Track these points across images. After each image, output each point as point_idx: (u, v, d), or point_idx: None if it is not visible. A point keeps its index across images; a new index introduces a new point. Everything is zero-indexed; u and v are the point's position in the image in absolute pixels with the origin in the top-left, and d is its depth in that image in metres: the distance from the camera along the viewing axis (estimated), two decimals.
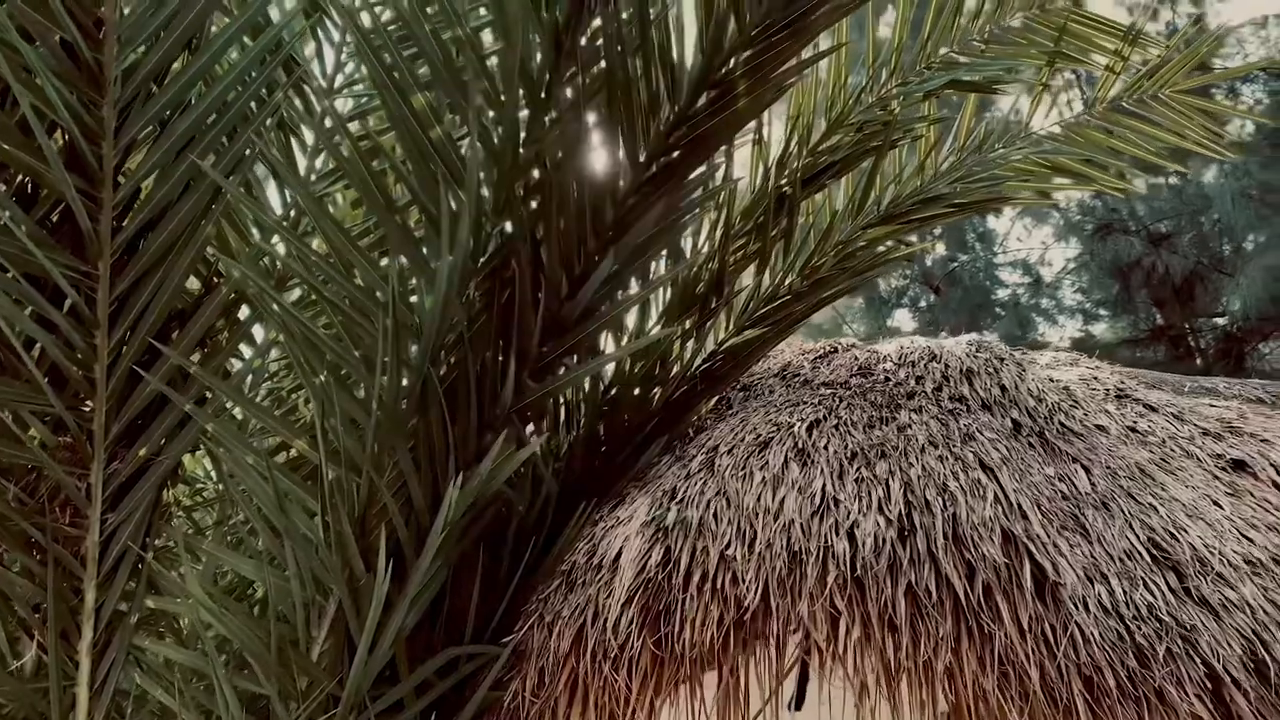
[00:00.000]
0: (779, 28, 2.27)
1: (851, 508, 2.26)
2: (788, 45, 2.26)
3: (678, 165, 2.36)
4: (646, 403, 2.88)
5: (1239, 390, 3.65)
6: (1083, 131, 2.91)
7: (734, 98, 2.28)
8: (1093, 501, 2.42)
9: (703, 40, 2.25)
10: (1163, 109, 2.84)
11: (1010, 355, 3.04)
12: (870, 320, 16.96)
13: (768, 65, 2.27)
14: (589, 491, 2.74)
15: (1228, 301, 8.44)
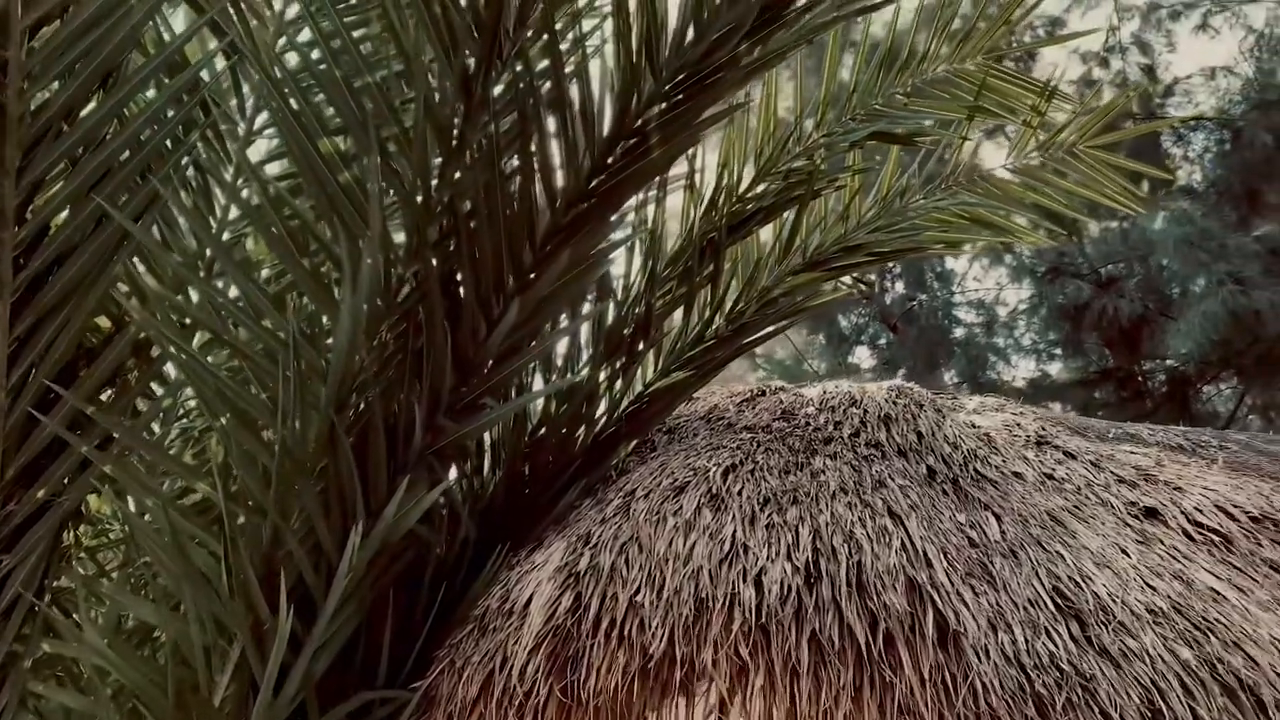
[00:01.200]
0: (695, 81, 2.32)
1: (760, 554, 2.27)
2: (704, 97, 2.30)
3: (594, 211, 2.38)
4: (571, 444, 2.89)
5: (1161, 437, 3.72)
6: (1000, 184, 2.99)
7: (650, 148, 2.31)
8: (1001, 549, 2.46)
9: (619, 92, 2.29)
10: (1078, 163, 2.92)
11: (930, 401, 3.09)
12: (831, 357, 17.11)
13: (684, 116, 2.31)
14: (510, 534, 2.73)
15: (1172, 345, 8.61)
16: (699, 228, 3.06)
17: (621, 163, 2.34)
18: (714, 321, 3.04)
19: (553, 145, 2.31)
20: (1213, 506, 2.93)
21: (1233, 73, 11.59)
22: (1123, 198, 2.90)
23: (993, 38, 2.95)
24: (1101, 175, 2.89)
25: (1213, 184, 12.00)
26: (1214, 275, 7.63)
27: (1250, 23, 11.15)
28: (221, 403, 2.03)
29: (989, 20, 2.94)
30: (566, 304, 2.49)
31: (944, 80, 3.04)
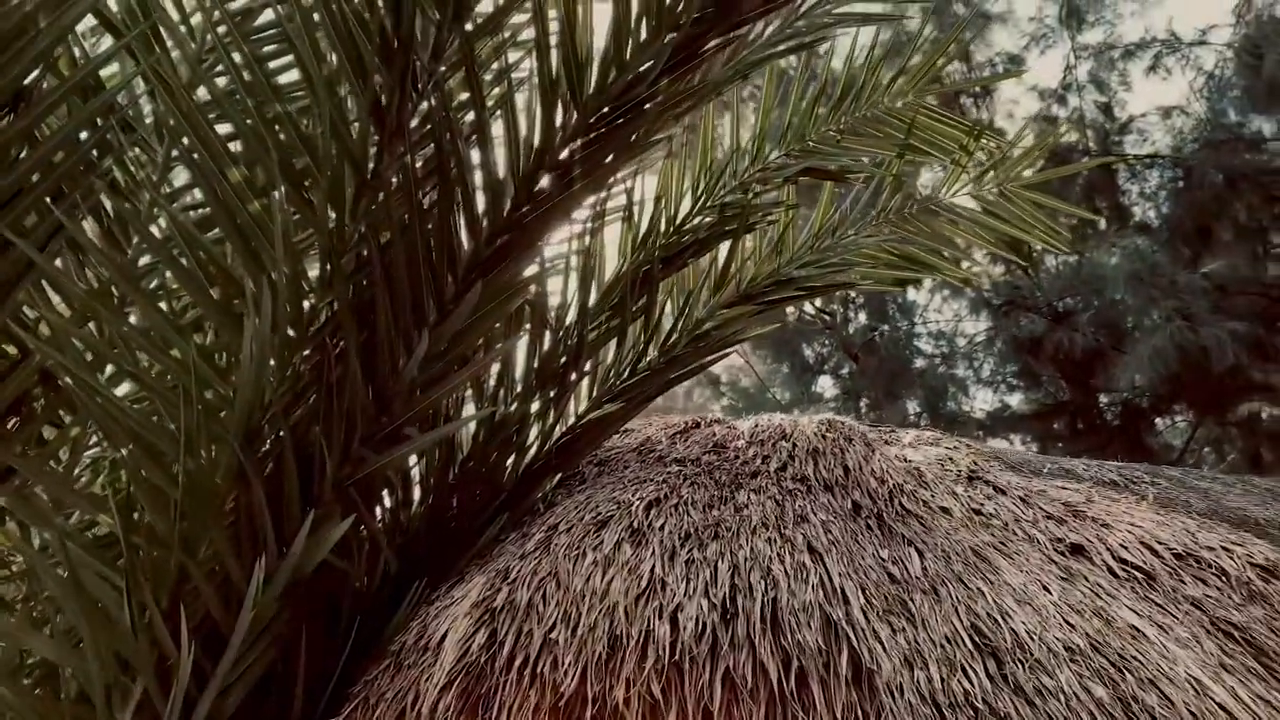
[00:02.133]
0: (616, 115, 2.33)
1: (678, 590, 2.25)
2: (625, 130, 2.31)
3: (517, 242, 2.38)
4: (499, 476, 2.86)
5: (1095, 472, 3.76)
6: (929, 221, 3.02)
7: (572, 181, 2.31)
8: (922, 585, 2.45)
9: (542, 124, 2.29)
10: (1005, 202, 2.97)
11: (861, 435, 3.10)
12: (794, 387, 17.19)
13: (606, 149, 2.32)
14: (434, 567, 2.70)
15: (1122, 379, 8.74)
16: (634, 259, 3.06)
17: (545, 194, 2.34)
18: (647, 353, 3.04)
19: (476, 176, 2.31)
20: (1138, 543, 2.96)
21: (1185, 112, 11.87)
22: (1048, 236, 2.94)
23: (923, 79, 2.99)
24: (1027, 214, 2.93)
25: (1167, 220, 12.26)
26: (1163, 311, 7.76)
27: (1201, 64, 11.45)
28: (125, 434, 1.99)
29: (921, 62, 2.98)
30: (489, 334, 2.47)
31: (876, 119, 3.08)
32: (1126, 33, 12.24)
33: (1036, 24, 12.72)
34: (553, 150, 2.29)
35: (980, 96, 12.38)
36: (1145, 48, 11.32)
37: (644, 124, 2.30)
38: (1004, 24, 13.15)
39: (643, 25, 2.22)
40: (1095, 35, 12.44)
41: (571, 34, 2.13)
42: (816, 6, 3.03)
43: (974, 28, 13.05)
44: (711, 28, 2.18)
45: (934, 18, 12.21)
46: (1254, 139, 11.32)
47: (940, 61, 3.00)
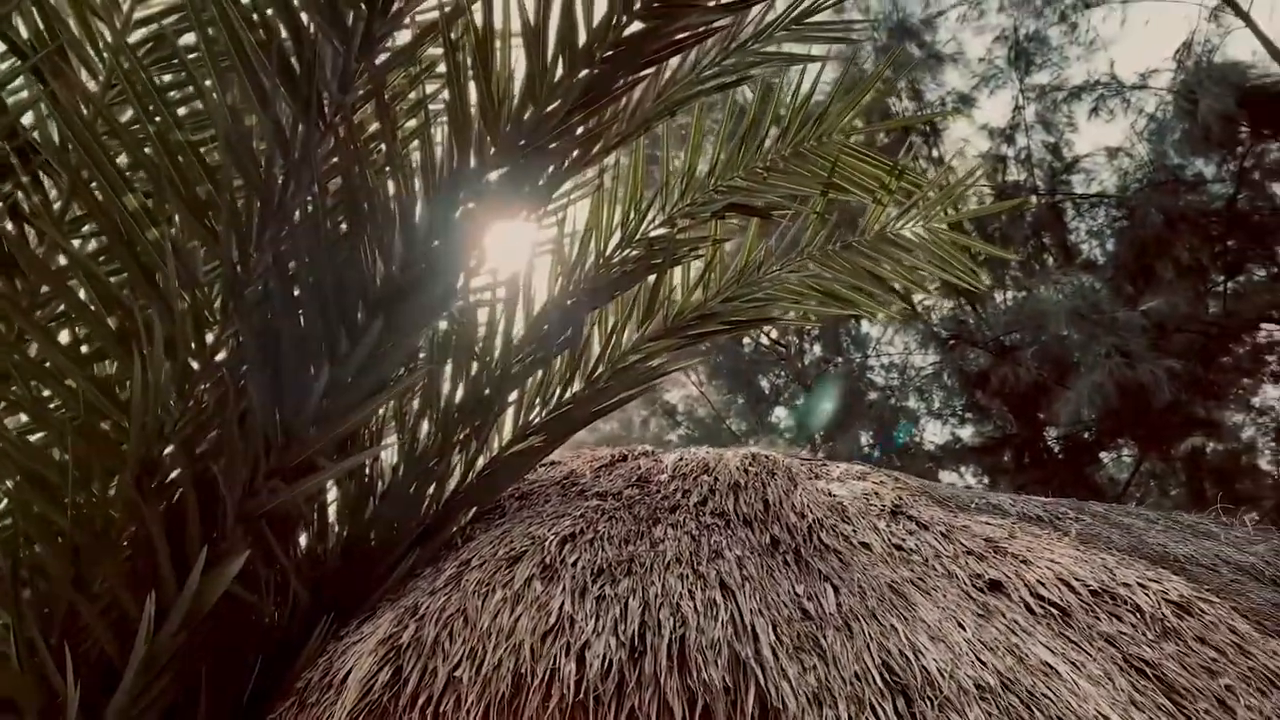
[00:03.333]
0: (534, 147, 2.33)
1: (586, 628, 2.23)
2: (540, 163, 2.31)
3: (431, 273, 2.36)
4: (417, 508, 2.82)
5: (1022, 507, 3.80)
6: (851, 259, 3.05)
7: (489, 210, 2.31)
8: (835, 622, 2.45)
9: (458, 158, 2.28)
10: (926, 241, 3.01)
11: (786, 469, 3.10)
12: (750, 418, 17.26)
13: (523, 182, 2.32)
14: (349, 602, 2.65)
15: (1064, 414, 8.87)
16: (561, 291, 3.06)
17: (459, 225, 2.33)
18: (572, 385, 3.03)
19: (392, 206, 2.29)
20: (1055, 579, 2.98)
21: (1128, 154, 12.18)
22: (966, 274, 2.99)
23: (847, 118, 3.04)
24: (946, 251, 2.98)
25: (1112, 258, 12.54)
26: (1102, 347, 7.90)
27: (1143, 106, 11.77)
28: (12, 465, 1.93)
29: (843, 103, 3.03)
30: (408, 363, 2.44)
31: (801, 156, 3.11)
32: (1073, 75, 12.57)
33: (986, 65, 13.03)
34: (468, 181, 2.28)
35: (931, 135, 12.62)
36: (1088, 90, 11.61)
37: (559, 156, 2.30)
38: (955, 64, 13.45)
39: (558, 63, 2.23)
40: (1043, 77, 12.77)
41: (486, 72, 2.14)
42: (746, 45, 3.07)
43: (926, 68, 13.33)
44: (621, 67, 2.20)
45: (885, 55, 12.47)
46: (1195, 180, 11.64)
47: (865, 100, 3.04)
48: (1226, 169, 11.10)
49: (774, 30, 3.07)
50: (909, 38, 13.05)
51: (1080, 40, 12.27)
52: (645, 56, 2.24)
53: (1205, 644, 2.73)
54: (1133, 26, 18.81)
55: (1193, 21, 11.22)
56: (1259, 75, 9.99)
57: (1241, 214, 11.29)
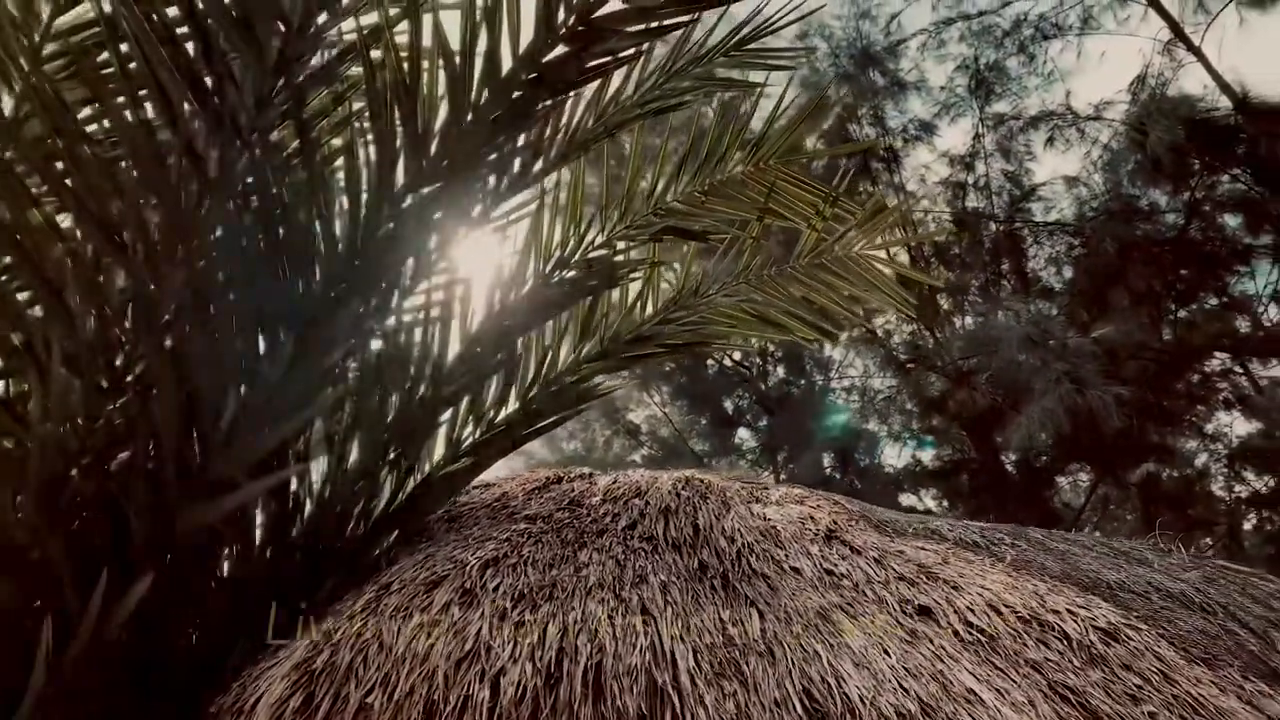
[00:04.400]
0: (463, 167, 2.32)
1: (503, 654, 2.21)
2: (472, 185, 2.31)
3: (355, 292, 2.34)
4: (342, 530, 2.79)
5: (959, 533, 3.82)
6: (785, 284, 3.07)
7: (409, 231, 2.29)
8: (759, 648, 2.44)
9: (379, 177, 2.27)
10: (854, 267, 3.03)
11: (721, 492, 3.10)
12: (713, 439, 17.28)
13: (451, 202, 2.31)
14: (270, 624, 2.60)
15: (1015, 438, 8.97)
16: (499, 312, 3.04)
17: (380, 247, 2.31)
18: (506, 406, 3.01)
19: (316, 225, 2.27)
20: (985, 606, 2.99)
21: (1085, 184, 12.40)
22: (895, 300, 3.01)
23: (783, 144, 3.06)
24: (876, 277, 3.00)
25: (1069, 285, 12.73)
26: (1053, 373, 8.01)
27: (1099, 137, 12.00)
28: None
29: (780, 130, 3.05)
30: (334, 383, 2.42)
31: (740, 182, 3.13)
32: (1032, 105, 12.79)
33: (947, 93, 13.23)
34: (393, 200, 2.27)
35: (891, 161, 12.78)
36: (1045, 120, 11.82)
37: (491, 176, 2.30)
38: (918, 91, 13.64)
39: (484, 85, 2.23)
40: (1003, 106, 12.99)
41: (410, 92, 2.13)
42: (686, 70, 3.09)
43: (889, 95, 13.51)
44: (546, 89, 2.21)
45: (847, 82, 12.63)
46: (1149, 210, 11.86)
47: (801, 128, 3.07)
48: (1178, 200, 11.32)
49: (714, 56, 3.09)
50: (873, 65, 13.22)
51: (1039, 71, 12.51)
52: (570, 79, 2.24)
53: (1130, 671, 2.75)
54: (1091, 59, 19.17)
55: (1147, 55, 11.45)
56: (1207, 108, 10.21)
57: (1193, 244, 11.52)
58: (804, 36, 13.53)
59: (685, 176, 3.14)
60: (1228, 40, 17.46)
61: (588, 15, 2.09)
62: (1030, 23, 12.16)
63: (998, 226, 12.41)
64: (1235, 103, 10.44)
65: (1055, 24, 12.15)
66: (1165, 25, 11.45)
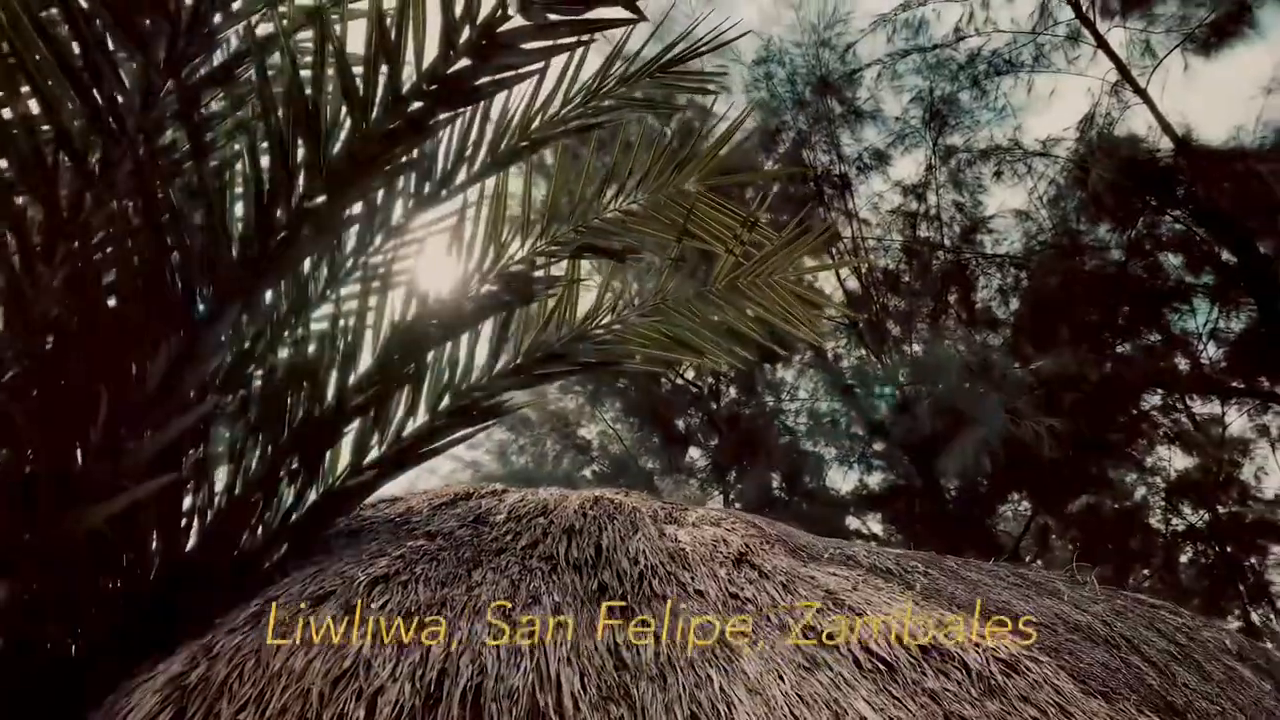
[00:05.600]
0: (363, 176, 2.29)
1: (383, 673, 2.16)
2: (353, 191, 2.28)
3: (247, 297, 2.30)
4: (237, 540, 2.72)
5: (874, 559, 3.83)
6: (701, 307, 3.07)
7: (309, 237, 2.26)
8: (650, 672, 2.42)
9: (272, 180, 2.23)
10: (770, 293, 3.04)
11: (631, 512, 3.08)
12: (664, 457, 17.26)
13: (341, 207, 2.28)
14: (159, 637, 2.53)
15: (950, 466, 9.07)
16: (412, 322, 3.01)
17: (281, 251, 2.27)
18: (414, 419, 2.97)
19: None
20: (887, 634, 2.99)
21: (1032, 218, 12.65)
22: (807, 327, 3.02)
23: (707, 168, 3.07)
24: (789, 303, 3.01)
25: (1014, 317, 12.95)
26: (989, 403, 8.11)
27: (1045, 172, 12.24)
28: None
29: (705, 151, 3.06)
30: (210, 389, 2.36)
31: (661, 204, 3.13)
32: (984, 138, 13.03)
33: (902, 124, 13.43)
34: (287, 204, 2.23)
35: (844, 189, 12.93)
36: (994, 154, 12.04)
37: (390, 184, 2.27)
38: (873, 121, 13.83)
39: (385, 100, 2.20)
40: (955, 138, 13.21)
41: (314, 96, 2.10)
42: (612, 90, 3.09)
43: (845, 122, 13.68)
44: (442, 102, 2.19)
45: (803, 108, 12.77)
46: (1094, 246, 12.11)
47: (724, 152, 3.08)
48: (1121, 237, 11.58)
49: (640, 77, 3.10)
50: (830, 93, 13.39)
51: (991, 105, 12.74)
52: (470, 93, 2.23)
53: (1028, 703, 2.76)
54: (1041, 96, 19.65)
55: (1096, 95, 11.72)
56: (1150, 149, 10.47)
57: (1134, 280, 11.77)
58: (763, 62, 13.69)
59: (608, 195, 3.13)
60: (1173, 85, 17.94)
61: (490, 30, 2.08)
62: (984, 58, 12.39)
63: (947, 256, 12.59)
64: (1177, 144, 10.72)
65: (1008, 60, 12.39)
66: (1114, 67, 11.75)
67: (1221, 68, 17.35)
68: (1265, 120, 10.76)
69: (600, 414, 17.19)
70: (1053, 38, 12.18)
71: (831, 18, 13.12)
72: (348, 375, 2.89)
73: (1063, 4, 12.01)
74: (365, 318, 3.03)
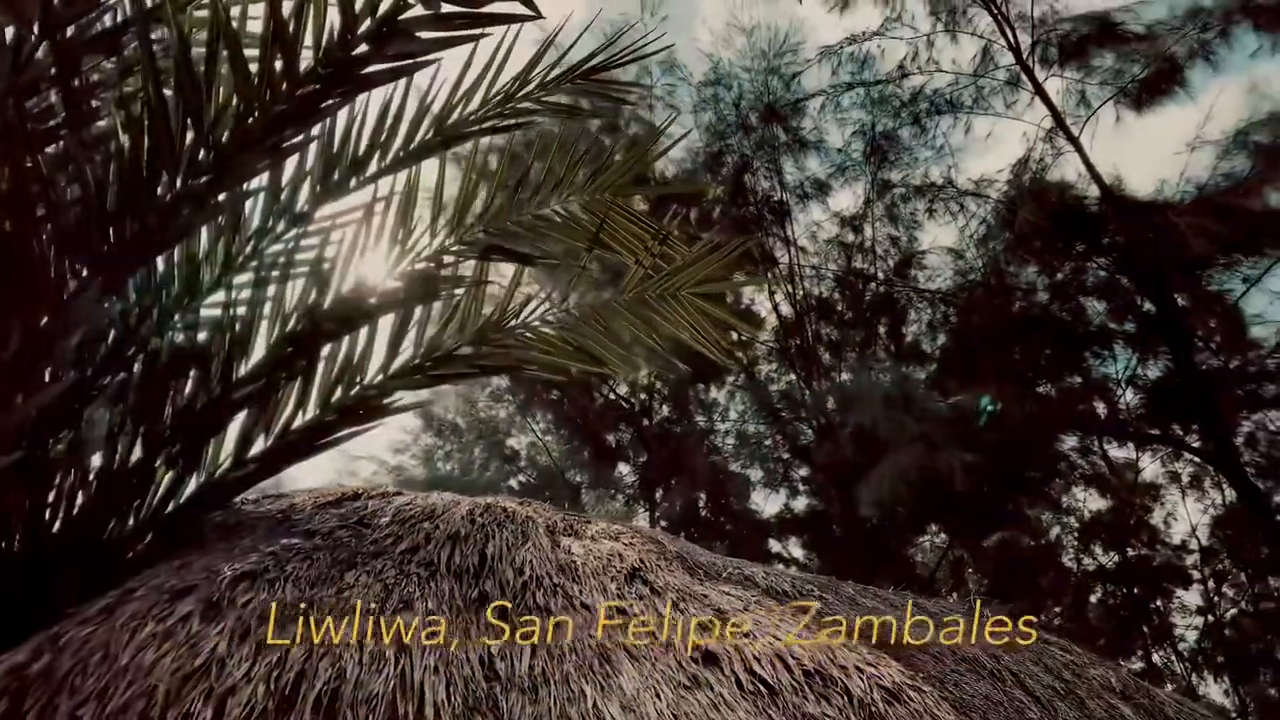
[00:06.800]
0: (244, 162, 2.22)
1: (236, 673, 2.07)
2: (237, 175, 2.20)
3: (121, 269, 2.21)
4: (105, 526, 2.61)
5: (772, 581, 3.83)
6: (609, 318, 3.04)
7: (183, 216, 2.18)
8: (523, 684, 2.37)
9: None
10: (679, 308, 3.02)
11: (524, 521, 3.03)
12: (593, 471, 17.19)
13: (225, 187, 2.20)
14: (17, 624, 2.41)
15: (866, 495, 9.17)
16: (310, 315, 2.93)
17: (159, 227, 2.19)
18: (303, 413, 2.88)
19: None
20: (772, 656, 2.97)
21: (962, 256, 12.92)
22: (713, 345, 3.01)
23: (622, 177, 3.05)
24: (696, 321, 3.00)
25: (941, 351, 13.19)
26: (909, 434, 8.23)
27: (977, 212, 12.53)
28: None
29: (619, 163, 3.04)
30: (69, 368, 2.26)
31: (574, 214, 3.10)
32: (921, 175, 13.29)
33: (844, 155, 13.64)
34: (171, 180, 2.15)
35: (784, 215, 13.07)
36: (929, 190, 12.28)
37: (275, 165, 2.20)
38: (816, 151, 14.02)
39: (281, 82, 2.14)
40: (894, 173, 13.46)
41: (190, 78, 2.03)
42: (529, 95, 3.06)
43: (789, 151, 13.85)
44: (334, 85, 2.14)
45: (748, 133, 12.90)
46: (1022, 287, 12.41)
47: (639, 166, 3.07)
48: (1047, 280, 11.88)
49: (561, 82, 3.07)
50: (776, 120, 13.54)
51: (930, 143, 13.01)
52: (365, 79, 2.18)
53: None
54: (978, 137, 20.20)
55: (1031, 140, 12.04)
56: (1078, 196, 10.77)
57: (1058, 323, 12.07)
58: (716, 83, 13.81)
59: (522, 199, 3.10)
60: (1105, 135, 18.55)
61: (389, 18, 2.03)
62: (926, 96, 12.66)
63: (879, 288, 12.79)
64: (1104, 193, 11.04)
65: (949, 100, 12.67)
66: (1049, 114, 12.08)
67: (1151, 123, 18.01)
68: (1188, 176, 11.18)
69: (530, 424, 17.07)
70: (993, 81, 12.51)
71: (782, 46, 13.31)
72: (237, 364, 2.80)
73: (1004, 50, 12.34)
74: (263, 306, 2.95)
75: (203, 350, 2.79)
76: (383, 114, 2.94)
